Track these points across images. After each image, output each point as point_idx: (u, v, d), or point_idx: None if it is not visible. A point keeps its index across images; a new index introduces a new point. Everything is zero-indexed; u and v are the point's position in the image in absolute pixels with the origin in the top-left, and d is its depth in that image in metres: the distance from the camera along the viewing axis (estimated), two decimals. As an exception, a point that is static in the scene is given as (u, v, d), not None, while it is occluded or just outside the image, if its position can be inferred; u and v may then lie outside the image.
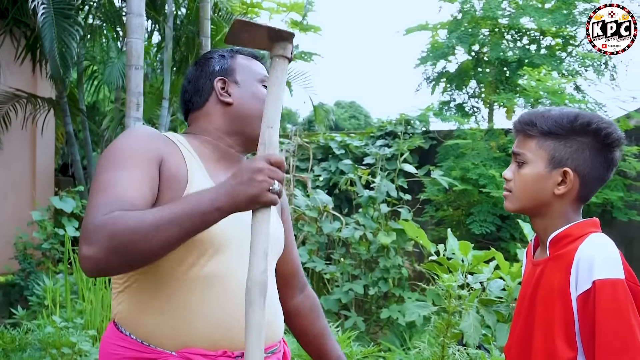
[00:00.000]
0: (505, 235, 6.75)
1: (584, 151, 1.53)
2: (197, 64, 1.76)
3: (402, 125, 7.90)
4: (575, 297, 1.45)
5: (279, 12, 11.95)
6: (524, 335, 1.57)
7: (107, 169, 1.48)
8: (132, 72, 5.16)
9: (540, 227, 1.60)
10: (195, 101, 1.72)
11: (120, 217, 1.35)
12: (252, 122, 1.66)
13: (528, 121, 1.57)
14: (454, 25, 8.18)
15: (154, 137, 1.58)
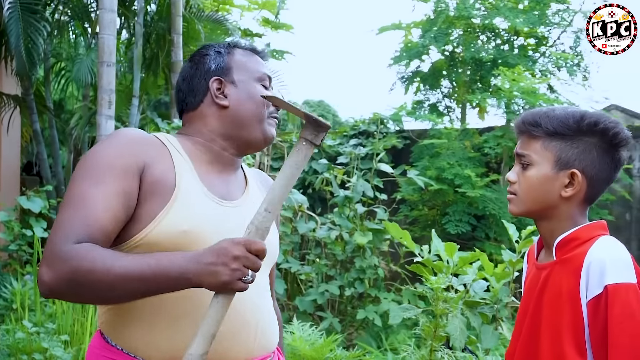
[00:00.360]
0: (480, 235, 6.76)
1: (591, 152, 1.49)
2: (191, 60, 1.67)
3: (376, 124, 7.86)
4: (585, 302, 1.41)
5: (251, 10, 11.83)
6: (530, 341, 1.52)
7: (82, 180, 1.43)
8: (104, 69, 5.03)
9: (546, 230, 1.55)
10: (190, 101, 1.64)
11: (88, 256, 1.32)
12: (248, 126, 1.61)
13: (532, 121, 1.53)
14: (429, 25, 8.17)
15: (137, 143, 1.50)
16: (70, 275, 1.31)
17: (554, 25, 7.77)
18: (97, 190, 1.40)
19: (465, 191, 6.37)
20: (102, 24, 5.08)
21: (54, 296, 1.37)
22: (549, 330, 1.47)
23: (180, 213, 1.45)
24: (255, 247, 1.32)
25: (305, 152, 1.39)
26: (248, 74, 1.63)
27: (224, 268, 1.31)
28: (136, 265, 1.33)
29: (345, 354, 3.12)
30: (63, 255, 1.32)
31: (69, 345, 3.72)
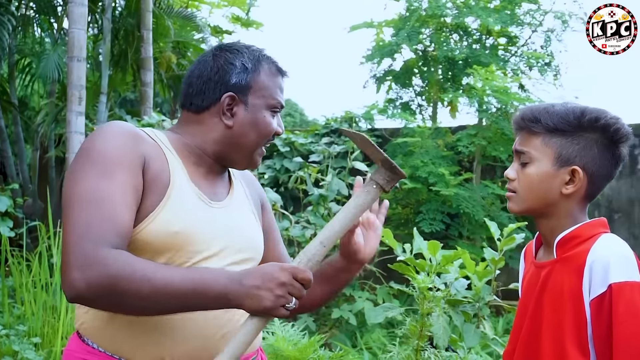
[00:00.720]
0: (453, 234, 6.78)
1: (592, 148, 1.47)
2: (215, 59, 1.57)
3: (348, 123, 7.83)
4: (588, 300, 1.39)
5: (220, 7, 11.73)
6: (531, 341, 1.50)
7: (92, 176, 1.36)
8: (74, 64, 4.92)
9: (546, 228, 1.53)
10: (196, 103, 1.57)
11: (128, 264, 1.28)
12: (243, 151, 1.57)
13: (532, 117, 1.50)
14: (401, 23, 8.17)
15: (135, 137, 1.46)
16: (108, 281, 1.26)
17: (525, 24, 7.84)
18: (113, 186, 1.35)
19: (439, 189, 6.37)
20: (72, 18, 4.97)
21: (82, 302, 1.31)
22: (551, 329, 1.45)
23: (173, 212, 1.43)
24: (302, 276, 1.30)
25: (373, 196, 1.38)
26: (263, 99, 1.56)
27: (268, 293, 1.29)
28: (177, 278, 1.30)
29: (329, 354, 3.09)
30: (100, 260, 1.26)
31: (40, 348, 3.62)
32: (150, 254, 1.40)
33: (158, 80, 9.20)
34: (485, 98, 6.79)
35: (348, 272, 1.69)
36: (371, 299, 5.82)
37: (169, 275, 1.29)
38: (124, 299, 1.27)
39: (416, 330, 2.63)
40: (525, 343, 1.51)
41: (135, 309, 1.32)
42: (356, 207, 1.36)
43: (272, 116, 1.58)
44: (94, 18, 8.92)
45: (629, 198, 7.19)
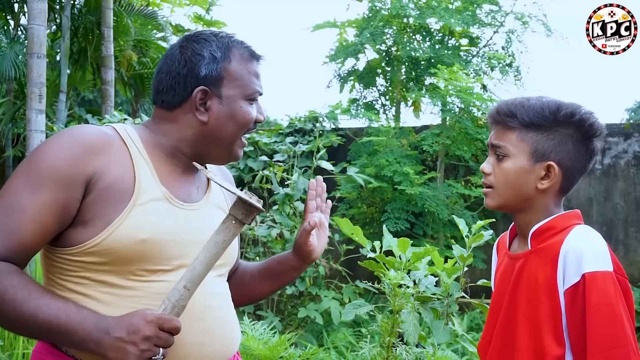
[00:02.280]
0: (418, 232, 6.83)
1: (567, 143, 1.48)
2: (182, 51, 1.49)
3: (312, 122, 7.83)
4: (563, 290, 1.40)
5: (182, 6, 11.61)
6: (506, 331, 1.51)
7: (19, 182, 1.34)
8: (34, 60, 4.81)
9: (522, 221, 1.55)
10: (167, 99, 1.49)
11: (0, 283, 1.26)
12: (222, 146, 1.50)
13: (508, 112, 1.51)
14: (365, 23, 8.20)
15: (90, 147, 1.38)
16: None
17: (487, 25, 7.95)
18: (32, 198, 1.31)
19: (404, 188, 6.41)
20: (31, 13, 4.85)
21: None
22: (526, 319, 1.46)
23: (140, 220, 1.37)
24: (168, 326, 1.27)
25: (233, 231, 1.32)
26: (239, 89, 1.48)
27: (133, 347, 1.26)
28: (46, 313, 1.26)
29: (299, 352, 3.07)
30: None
31: (1, 351, 3.52)
32: (119, 263, 1.36)
33: (119, 78, 9.07)
34: (449, 98, 6.86)
35: (299, 270, 1.71)
36: (337, 298, 5.82)
37: (37, 308, 1.26)
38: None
39: (388, 327, 2.63)
40: (501, 334, 1.52)
41: (4, 326, 1.32)
42: (217, 245, 1.31)
43: (250, 104, 1.51)
44: (52, 15, 8.74)
45: (587, 197, 7.34)
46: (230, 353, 1.53)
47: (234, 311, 1.56)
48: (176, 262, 1.41)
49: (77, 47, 8.84)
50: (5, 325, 1.30)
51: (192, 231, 1.44)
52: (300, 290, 5.77)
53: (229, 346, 1.52)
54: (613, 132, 7.31)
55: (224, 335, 1.50)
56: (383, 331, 2.61)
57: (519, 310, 1.48)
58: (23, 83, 6.44)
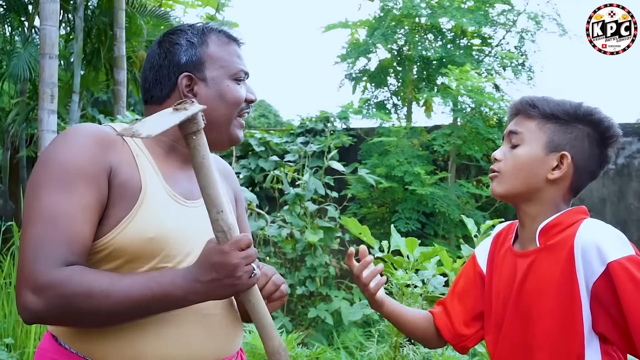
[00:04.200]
0: (429, 232, 6.81)
1: (583, 140, 1.50)
2: (160, 46, 1.52)
3: (323, 122, 7.83)
4: (586, 285, 1.38)
5: (194, 7, 11.65)
6: (516, 330, 1.50)
7: (51, 190, 1.31)
8: (46, 61, 4.84)
9: (528, 215, 1.54)
10: (156, 94, 1.51)
11: (83, 281, 1.26)
12: (217, 128, 1.50)
13: (530, 102, 1.53)
14: (376, 23, 8.19)
15: (101, 144, 1.39)
16: (66, 302, 1.24)
17: (499, 25, 7.91)
18: (72, 202, 1.31)
19: (415, 189, 6.40)
20: (44, 14, 4.88)
21: (39, 322, 1.30)
22: (541, 318, 1.45)
23: (147, 219, 1.38)
24: (244, 243, 1.29)
25: (200, 142, 1.27)
26: (222, 70, 1.50)
27: (232, 279, 1.28)
28: (137, 289, 1.28)
29: (306, 352, 3.07)
30: (54, 282, 1.24)
31: (12, 349, 3.55)
32: (125, 260, 1.36)
33: (131, 79, 9.11)
34: (460, 98, 6.84)
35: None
36: (347, 298, 5.82)
37: (127, 288, 1.27)
38: (83, 316, 1.27)
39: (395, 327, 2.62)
40: (511, 335, 1.51)
41: (96, 323, 1.32)
42: (202, 165, 1.27)
43: (237, 84, 1.51)
44: (66, 16, 8.80)
45: (601, 197, 7.28)
46: (233, 350, 1.53)
47: (236, 308, 1.56)
48: (177, 260, 1.41)
49: (90, 48, 8.89)
50: (102, 317, 1.29)
51: (196, 228, 1.45)
52: (310, 291, 5.77)
53: (231, 343, 1.52)
54: (627, 131, 7.25)
55: (227, 332, 1.50)
56: (390, 331, 2.60)
57: (532, 308, 1.47)
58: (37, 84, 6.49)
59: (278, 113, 21.34)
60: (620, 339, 1.38)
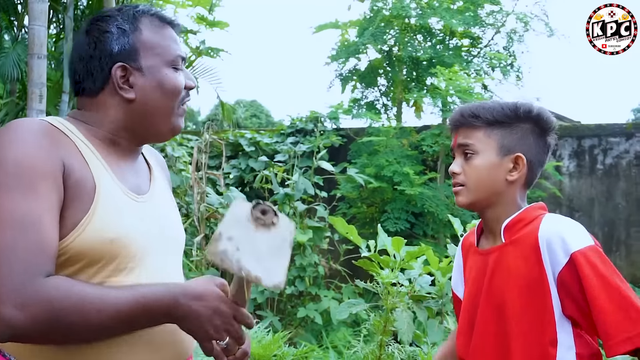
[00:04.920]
0: (418, 232, 6.83)
1: (528, 137, 1.58)
2: (88, 34, 1.39)
3: (313, 122, 7.85)
4: (552, 275, 1.45)
5: (185, 7, 11.62)
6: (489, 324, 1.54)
7: (7, 192, 1.19)
8: (35, 61, 4.82)
9: (492, 217, 1.61)
10: (88, 87, 1.39)
11: (72, 295, 1.16)
12: (156, 119, 1.42)
13: (471, 114, 1.59)
14: (366, 23, 8.21)
15: (52, 138, 1.29)
16: (55, 316, 1.14)
17: (488, 26, 7.95)
18: (37, 205, 1.20)
19: (404, 189, 6.42)
20: (32, 14, 4.86)
21: (21, 340, 1.17)
22: (514, 308, 1.50)
23: (105, 219, 1.29)
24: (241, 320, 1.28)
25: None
26: (158, 57, 1.40)
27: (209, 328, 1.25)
28: (124, 304, 1.19)
29: (293, 350, 3.08)
30: (41, 295, 1.14)
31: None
32: (84, 264, 1.27)
33: (121, 79, 9.08)
34: (449, 98, 6.87)
35: None
36: (337, 298, 5.84)
37: (115, 301, 1.19)
38: (72, 331, 1.17)
39: (380, 326, 2.64)
40: (484, 329, 1.55)
41: (84, 339, 1.23)
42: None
43: (176, 71, 1.42)
44: (55, 16, 8.77)
45: (589, 197, 7.34)
46: (188, 352, 1.45)
47: None
48: (137, 259, 1.34)
49: (80, 48, 8.86)
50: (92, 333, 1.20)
51: (150, 225, 1.39)
52: (300, 290, 5.79)
53: (190, 345, 1.45)
54: (615, 132, 7.31)
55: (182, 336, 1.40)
56: (376, 329, 2.62)
57: (503, 301, 1.52)
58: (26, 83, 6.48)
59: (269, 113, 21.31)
60: (585, 323, 1.45)
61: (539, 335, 1.47)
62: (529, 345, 1.47)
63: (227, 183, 7.72)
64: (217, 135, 8.29)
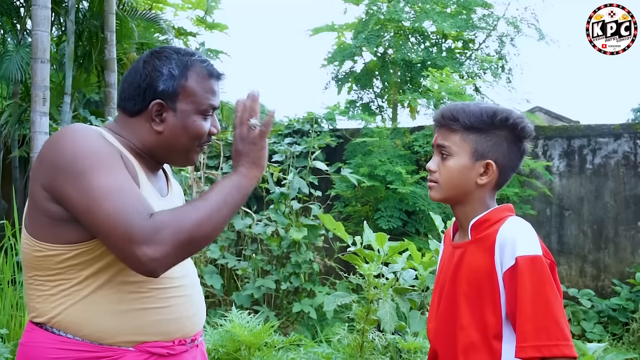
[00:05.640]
0: (411, 230, 7.00)
1: (502, 144, 1.68)
2: (145, 66, 1.63)
3: (310, 123, 8.02)
4: (501, 273, 1.59)
5: (185, 9, 11.81)
6: (449, 313, 1.69)
7: (97, 174, 1.44)
8: (38, 65, 5.02)
9: (461, 214, 1.74)
10: (129, 107, 1.64)
11: (173, 213, 1.44)
12: (175, 153, 1.66)
13: (451, 116, 1.70)
14: (361, 26, 8.38)
15: (105, 139, 1.55)
16: (177, 237, 1.41)
17: (480, 29, 8.11)
18: (123, 177, 1.46)
19: (397, 187, 6.59)
20: (36, 20, 5.06)
21: (166, 267, 1.44)
22: (468, 300, 1.65)
23: None
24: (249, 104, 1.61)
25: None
26: (193, 105, 1.62)
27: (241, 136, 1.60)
28: (214, 195, 1.50)
29: (282, 339, 3.26)
30: (156, 226, 1.40)
31: (6, 340, 3.72)
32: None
33: (122, 81, 9.25)
34: (441, 100, 7.05)
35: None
36: (331, 294, 5.99)
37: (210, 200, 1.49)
38: (194, 235, 1.44)
39: (363, 315, 2.82)
40: (444, 315, 1.71)
41: (207, 236, 1.49)
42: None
43: (204, 119, 1.64)
44: (57, 19, 8.96)
45: (578, 196, 7.50)
46: (202, 324, 1.72)
47: (200, 289, 1.76)
48: None
49: (82, 51, 9.04)
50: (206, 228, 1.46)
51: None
52: (295, 286, 5.96)
53: (203, 318, 1.72)
54: (604, 132, 7.47)
55: (201, 309, 1.70)
56: (358, 318, 2.80)
57: (461, 293, 1.67)
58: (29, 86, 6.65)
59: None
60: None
61: (486, 329, 1.60)
62: (477, 337, 1.61)
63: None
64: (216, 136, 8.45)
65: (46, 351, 1.51)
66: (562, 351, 1.50)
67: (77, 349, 1.50)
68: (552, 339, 1.51)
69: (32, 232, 1.53)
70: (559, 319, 1.52)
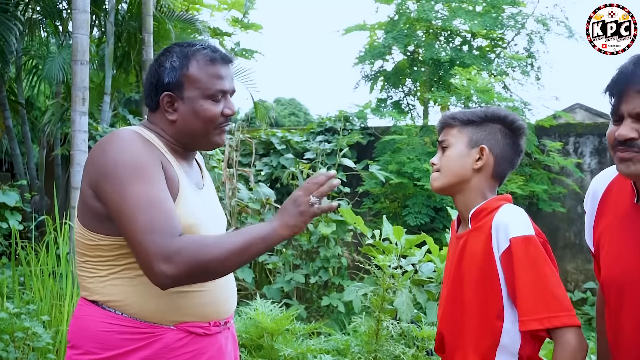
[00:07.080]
0: (438, 226, 7.09)
1: (495, 134, 1.85)
2: (154, 63, 1.80)
3: (341, 121, 8.17)
4: (498, 256, 1.72)
5: (220, 10, 12.04)
6: (454, 298, 1.84)
7: (135, 183, 1.59)
8: (78, 67, 5.26)
9: (461, 203, 1.88)
10: (149, 104, 1.81)
11: (196, 241, 1.57)
12: (195, 139, 1.79)
13: (450, 116, 1.90)
14: (391, 26, 8.49)
15: (146, 143, 1.70)
16: (193, 260, 1.53)
17: (509, 27, 8.15)
18: (158, 189, 1.60)
19: (424, 184, 6.69)
20: (76, 24, 5.29)
21: (175, 285, 1.59)
22: (471, 285, 1.78)
23: (186, 208, 1.69)
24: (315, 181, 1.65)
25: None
26: (199, 91, 1.75)
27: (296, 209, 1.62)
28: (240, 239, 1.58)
29: (304, 325, 3.42)
30: (179, 249, 1.53)
31: (48, 327, 3.95)
32: None
33: (159, 81, 9.49)
34: (470, 98, 7.12)
35: None
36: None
37: (231, 238, 1.59)
38: (208, 267, 1.57)
39: (378, 303, 2.96)
40: (451, 300, 1.86)
41: (218, 271, 1.62)
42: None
43: (214, 102, 1.76)
44: (98, 21, 9.25)
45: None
46: (231, 310, 1.88)
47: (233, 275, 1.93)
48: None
49: (121, 51, 9.32)
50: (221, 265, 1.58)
51: (208, 212, 1.81)
52: (324, 280, 6.11)
53: (235, 303, 1.90)
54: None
55: (234, 293, 1.88)
56: (374, 307, 2.95)
57: (465, 279, 1.80)
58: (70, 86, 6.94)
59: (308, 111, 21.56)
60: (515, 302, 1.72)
61: (488, 310, 1.73)
62: (479, 318, 1.75)
63: (259, 180, 8.09)
64: (250, 134, 8.68)
65: (98, 324, 1.67)
66: (562, 321, 1.63)
67: (124, 324, 1.66)
68: (552, 311, 1.63)
69: (83, 223, 1.70)
70: (557, 292, 1.65)
